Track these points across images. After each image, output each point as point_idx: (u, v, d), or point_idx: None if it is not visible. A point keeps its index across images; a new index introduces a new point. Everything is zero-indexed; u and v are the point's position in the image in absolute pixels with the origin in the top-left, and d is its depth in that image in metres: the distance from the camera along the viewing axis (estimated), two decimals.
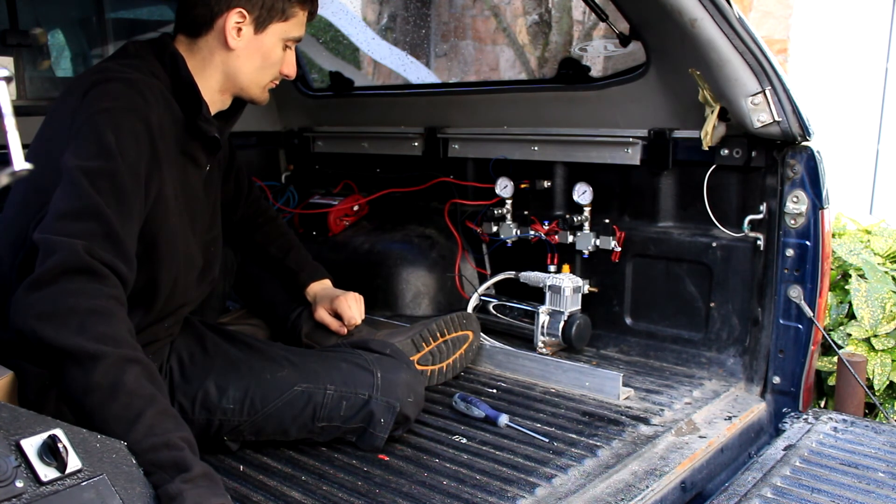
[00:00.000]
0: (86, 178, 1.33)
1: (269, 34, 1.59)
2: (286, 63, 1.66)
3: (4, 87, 0.89)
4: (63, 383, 1.21)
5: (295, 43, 1.66)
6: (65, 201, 1.32)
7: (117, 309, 1.27)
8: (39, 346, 1.21)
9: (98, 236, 1.30)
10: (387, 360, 1.77)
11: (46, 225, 1.30)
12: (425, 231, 2.73)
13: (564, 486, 1.53)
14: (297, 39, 1.65)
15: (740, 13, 1.76)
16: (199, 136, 1.59)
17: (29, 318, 1.21)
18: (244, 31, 1.57)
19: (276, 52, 1.62)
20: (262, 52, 1.60)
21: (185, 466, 1.14)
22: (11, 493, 0.86)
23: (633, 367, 2.19)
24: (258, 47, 1.59)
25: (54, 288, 1.23)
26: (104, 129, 1.37)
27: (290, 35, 1.62)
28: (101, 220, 1.31)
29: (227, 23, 1.55)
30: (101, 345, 1.20)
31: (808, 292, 1.93)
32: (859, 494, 1.44)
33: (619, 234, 2.28)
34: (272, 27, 1.59)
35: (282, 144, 3.16)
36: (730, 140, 2.01)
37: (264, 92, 1.68)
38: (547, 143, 2.41)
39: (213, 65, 1.59)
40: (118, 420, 1.15)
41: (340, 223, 2.86)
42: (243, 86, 1.64)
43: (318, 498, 1.48)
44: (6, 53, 2.57)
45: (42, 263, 1.25)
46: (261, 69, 1.62)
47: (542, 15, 5.95)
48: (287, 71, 1.67)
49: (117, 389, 1.17)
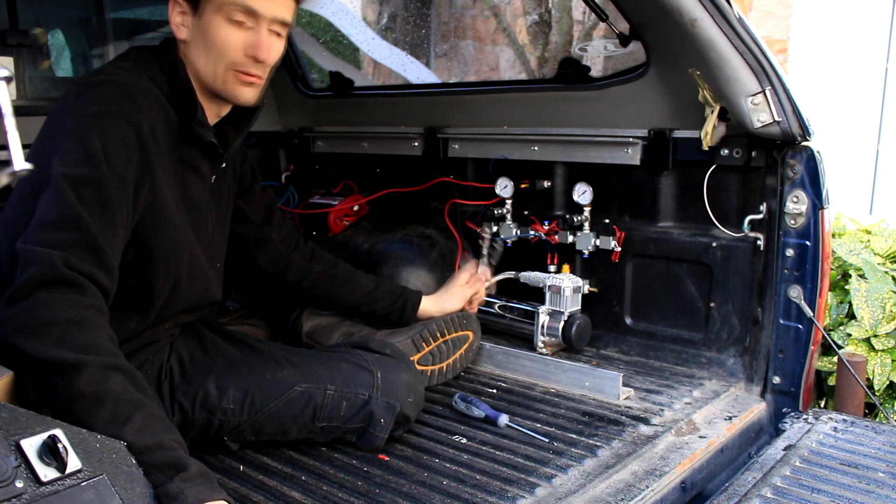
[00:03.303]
0: (69, 186, 1.31)
1: (206, 13, 1.45)
2: (248, 43, 1.46)
3: (4, 87, 0.89)
4: (48, 395, 1.19)
5: (247, 15, 1.45)
6: (47, 209, 1.31)
7: (97, 318, 1.25)
8: (20, 359, 1.19)
9: (78, 246, 1.28)
10: (387, 361, 1.77)
11: (28, 234, 1.28)
12: (425, 231, 2.73)
13: (564, 486, 1.53)
14: (246, 9, 1.44)
15: (740, 13, 1.76)
16: (196, 142, 1.55)
17: (7, 331, 1.20)
18: (188, 19, 1.48)
19: (220, 32, 1.45)
20: (203, 34, 1.46)
21: (182, 466, 1.14)
22: (11, 494, 0.86)
23: (633, 367, 2.19)
24: (201, 31, 1.46)
25: (31, 300, 1.21)
26: (91, 134, 1.35)
27: (228, 4, 1.43)
28: (81, 230, 1.29)
29: (172, 17, 1.49)
30: (82, 354, 1.18)
31: (808, 292, 1.93)
32: (859, 494, 1.44)
33: (619, 234, 2.28)
34: (206, 3, 1.45)
35: (282, 144, 3.15)
36: (730, 140, 2.01)
37: (230, 84, 1.50)
38: (547, 143, 2.41)
39: (189, 66, 1.52)
40: (107, 426, 1.14)
41: (340, 223, 2.86)
42: (206, 81, 1.51)
43: (318, 498, 1.48)
44: (6, 53, 2.56)
45: (20, 275, 1.23)
46: (208, 55, 1.47)
47: (542, 15, 5.95)
48: (253, 52, 1.46)
49: (103, 397, 1.16)
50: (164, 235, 1.50)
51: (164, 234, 1.49)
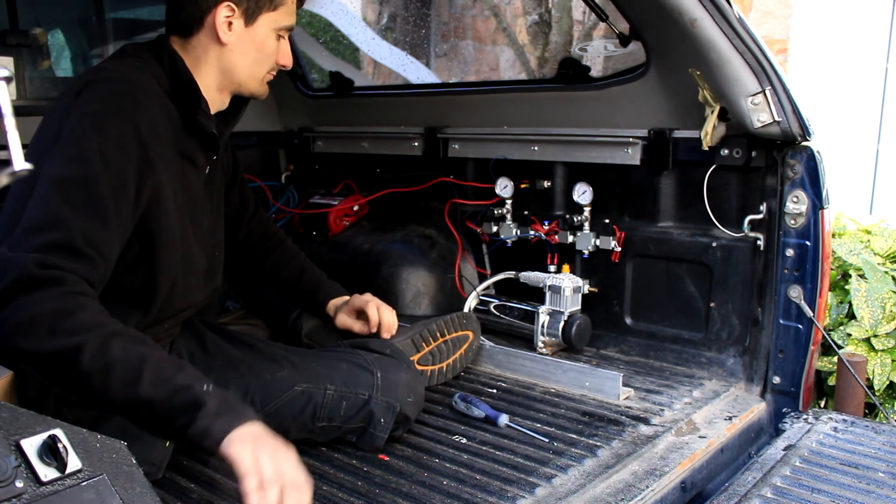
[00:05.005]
0: (55, 188, 1.32)
1: (260, 25, 1.58)
2: (281, 53, 1.64)
3: (4, 87, 0.89)
4: (61, 384, 1.23)
5: (287, 32, 1.64)
6: (30, 213, 1.31)
7: (82, 300, 1.27)
8: (25, 359, 1.24)
9: (56, 247, 1.28)
10: (387, 360, 1.77)
11: (10, 240, 1.29)
12: (425, 231, 2.73)
13: (564, 486, 1.53)
14: (290, 28, 1.64)
15: (740, 13, 1.76)
16: (197, 133, 1.57)
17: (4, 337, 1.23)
18: (235, 24, 1.55)
19: (269, 43, 1.61)
20: (255, 44, 1.59)
21: (200, 403, 1.21)
22: (11, 493, 0.86)
23: (633, 367, 2.19)
24: (251, 40, 1.58)
25: (14, 305, 1.23)
26: (89, 134, 1.36)
27: (282, 24, 1.61)
28: (62, 229, 1.29)
29: (217, 18, 1.54)
30: (76, 336, 1.21)
31: (808, 292, 1.93)
32: (859, 494, 1.44)
33: (619, 234, 2.28)
34: (262, 18, 1.57)
35: (282, 144, 3.15)
36: (730, 140, 2.01)
37: (262, 85, 1.67)
38: (547, 143, 2.41)
39: (209, 63, 1.58)
40: (122, 391, 1.21)
41: (340, 223, 2.86)
42: (241, 81, 1.62)
43: (318, 498, 1.48)
44: (6, 53, 2.57)
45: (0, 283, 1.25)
46: (256, 62, 1.61)
47: (542, 15, 5.95)
48: (283, 61, 1.65)
49: (109, 366, 1.21)
50: (165, 228, 1.51)
51: (164, 227, 1.51)
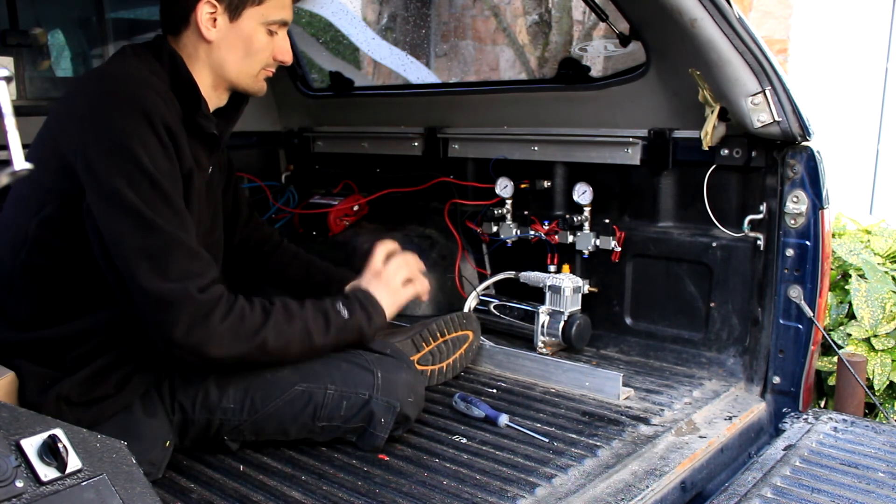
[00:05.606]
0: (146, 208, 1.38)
1: (245, 20, 1.55)
2: (278, 49, 1.60)
3: (4, 87, 0.89)
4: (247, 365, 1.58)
5: (281, 26, 1.60)
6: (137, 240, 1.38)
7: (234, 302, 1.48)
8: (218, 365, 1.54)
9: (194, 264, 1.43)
10: (387, 360, 1.77)
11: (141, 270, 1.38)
12: (425, 231, 2.73)
13: (564, 486, 1.53)
14: (282, 22, 1.59)
15: (740, 13, 1.76)
16: (198, 133, 1.58)
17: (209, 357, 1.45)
18: (219, 21, 1.54)
19: (258, 39, 1.57)
20: (242, 39, 1.56)
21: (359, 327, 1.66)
22: (11, 493, 0.86)
23: (633, 367, 2.19)
24: (237, 35, 1.56)
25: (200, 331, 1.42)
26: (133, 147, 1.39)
27: (271, 18, 1.57)
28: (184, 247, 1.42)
29: (200, 15, 1.53)
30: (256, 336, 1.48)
31: (808, 292, 1.93)
32: (859, 494, 1.44)
33: (619, 234, 2.28)
34: (247, 12, 1.54)
35: (282, 144, 3.15)
36: (730, 140, 2.01)
37: (258, 82, 1.64)
38: (547, 143, 2.41)
39: (199, 60, 1.57)
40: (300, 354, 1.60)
41: (340, 223, 2.86)
42: (232, 77, 1.60)
43: (318, 498, 1.48)
44: (6, 53, 2.57)
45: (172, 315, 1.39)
46: (245, 58, 1.58)
47: (542, 15, 5.95)
48: (281, 57, 1.62)
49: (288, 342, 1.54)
50: None
51: None
